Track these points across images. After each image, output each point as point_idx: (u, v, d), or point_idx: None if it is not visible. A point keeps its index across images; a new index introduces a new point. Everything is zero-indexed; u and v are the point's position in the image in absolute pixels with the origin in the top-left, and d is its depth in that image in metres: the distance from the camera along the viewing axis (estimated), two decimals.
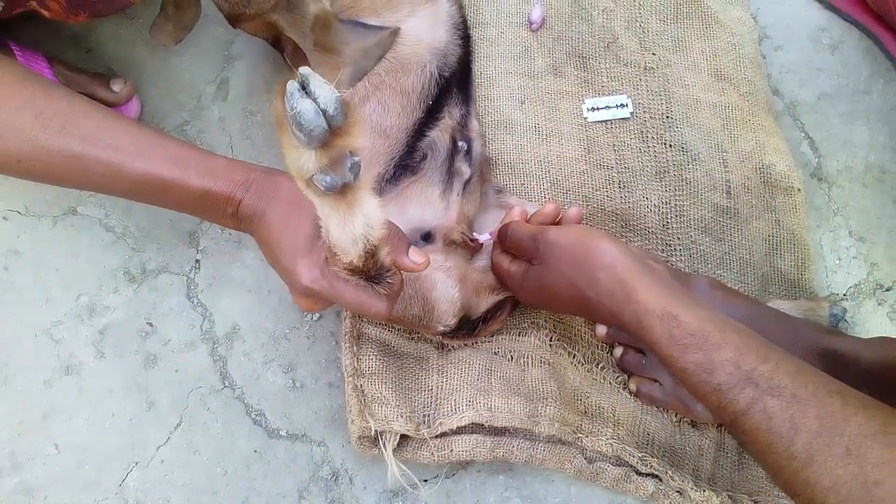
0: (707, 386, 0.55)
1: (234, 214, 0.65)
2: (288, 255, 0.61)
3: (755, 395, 0.53)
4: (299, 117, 0.46)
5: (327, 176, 0.50)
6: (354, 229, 0.54)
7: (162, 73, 0.91)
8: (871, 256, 0.90)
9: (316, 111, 0.46)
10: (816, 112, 0.95)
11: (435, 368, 0.79)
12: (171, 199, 0.66)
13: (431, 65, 0.79)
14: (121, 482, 0.79)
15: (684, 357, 0.57)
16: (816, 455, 0.50)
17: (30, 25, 0.90)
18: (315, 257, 0.59)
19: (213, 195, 0.64)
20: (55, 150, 0.63)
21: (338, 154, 0.49)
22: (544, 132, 0.89)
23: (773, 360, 0.54)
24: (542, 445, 0.78)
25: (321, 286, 0.59)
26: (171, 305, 0.84)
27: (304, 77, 0.47)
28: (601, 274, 0.63)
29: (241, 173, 0.65)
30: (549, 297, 0.70)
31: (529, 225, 0.73)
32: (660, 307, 0.59)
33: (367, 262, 0.57)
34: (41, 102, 0.63)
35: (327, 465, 0.81)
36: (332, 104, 0.47)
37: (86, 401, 0.81)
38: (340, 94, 0.47)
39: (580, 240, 0.66)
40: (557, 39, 0.93)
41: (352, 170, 0.50)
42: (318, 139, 0.47)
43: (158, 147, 0.65)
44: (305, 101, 0.46)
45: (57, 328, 0.83)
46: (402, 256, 0.62)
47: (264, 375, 0.83)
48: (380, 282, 0.60)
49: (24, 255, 0.85)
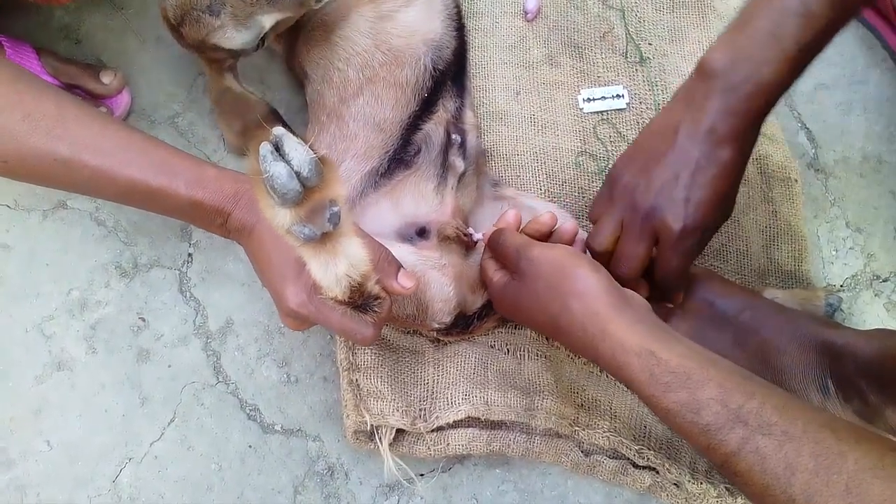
0: (694, 427, 0.53)
1: (223, 225, 0.65)
2: (276, 277, 0.61)
3: (745, 434, 0.51)
4: (272, 181, 0.45)
5: (305, 228, 0.49)
6: (337, 270, 0.54)
7: (153, 65, 0.90)
8: (868, 247, 0.90)
9: (290, 174, 0.46)
10: (813, 102, 0.95)
11: (431, 362, 0.79)
12: (158, 206, 0.66)
13: (426, 57, 0.78)
14: (114, 478, 0.78)
15: (667, 397, 0.54)
16: (816, 496, 0.48)
17: (18, 16, 0.89)
18: (302, 283, 0.58)
19: (202, 206, 0.63)
20: (43, 153, 0.62)
21: (316, 206, 0.49)
22: (540, 123, 0.89)
23: (759, 396, 0.52)
24: (539, 439, 0.77)
25: (308, 311, 0.59)
26: (163, 300, 0.83)
27: (278, 138, 0.46)
28: (574, 302, 0.60)
29: (232, 185, 0.64)
30: (524, 317, 0.67)
31: (519, 235, 0.70)
32: (636, 343, 0.56)
33: (352, 296, 0.57)
34: (30, 104, 0.62)
35: (323, 459, 0.80)
36: (306, 166, 0.46)
37: (78, 396, 0.80)
38: (315, 156, 0.46)
39: (560, 262, 0.63)
40: (553, 29, 0.92)
41: (331, 220, 0.50)
42: (292, 201, 0.47)
43: (148, 154, 0.64)
44: (279, 164, 0.45)
45: (48, 323, 0.82)
46: (391, 281, 0.61)
47: (258, 370, 0.82)
48: (367, 311, 0.59)
49: (13, 250, 0.84)
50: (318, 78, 0.80)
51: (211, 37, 0.71)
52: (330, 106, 0.78)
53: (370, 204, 0.76)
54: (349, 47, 0.77)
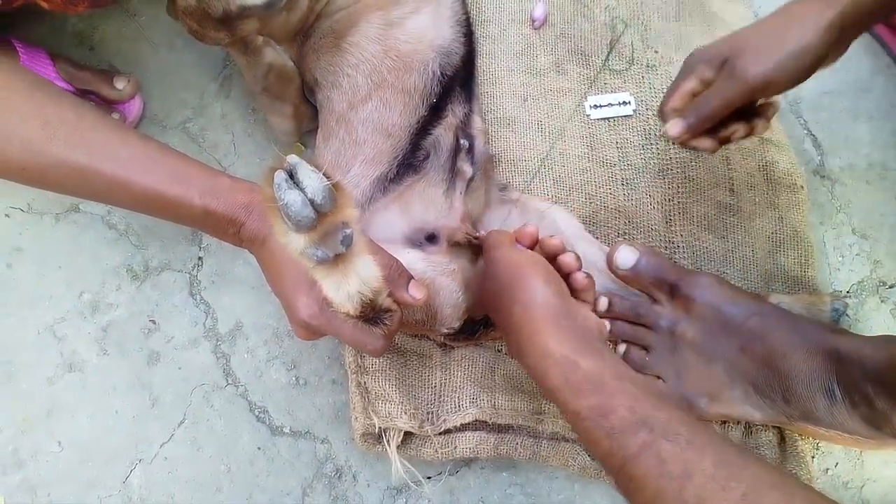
0: (600, 430, 0.53)
1: (236, 235, 0.65)
2: (288, 288, 0.61)
3: (649, 438, 0.51)
4: (287, 209, 0.46)
5: (318, 250, 0.50)
6: (349, 289, 0.54)
7: (165, 71, 0.91)
8: (874, 254, 0.90)
9: (304, 202, 0.46)
10: (819, 109, 0.95)
11: (438, 365, 0.79)
12: (172, 215, 0.66)
13: (434, 63, 0.79)
14: (124, 479, 0.79)
15: (577, 401, 0.55)
16: (710, 499, 0.47)
17: (33, 23, 0.90)
18: (314, 295, 0.59)
19: (215, 215, 0.64)
20: (60, 161, 0.63)
21: (329, 228, 0.49)
22: (547, 129, 0.89)
23: (667, 410, 0.53)
24: (546, 442, 0.78)
25: (319, 322, 0.60)
26: (174, 303, 0.84)
27: (292, 166, 0.47)
28: (516, 308, 0.62)
29: (245, 195, 0.64)
30: (488, 308, 0.70)
31: (499, 234, 0.71)
32: (560, 353, 0.57)
33: (364, 310, 0.57)
34: (49, 111, 0.63)
35: (331, 462, 0.81)
36: (320, 193, 0.46)
37: (89, 398, 0.81)
38: (329, 183, 0.47)
39: (517, 268, 0.64)
40: (560, 37, 0.93)
41: (344, 242, 0.50)
42: (306, 227, 0.48)
43: (163, 163, 0.65)
44: (293, 192, 0.46)
45: (60, 325, 0.83)
46: (402, 292, 0.62)
47: (267, 372, 0.83)
48: (377, 323, 0.60)
49: (26, 253, 0.85)
50: (327, 84, 0.80)
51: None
52: (339, 111, 0.79)
53: (379, 209, 0.77)
54: (358, 53, 0.78)
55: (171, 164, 0.65)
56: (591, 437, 0.54)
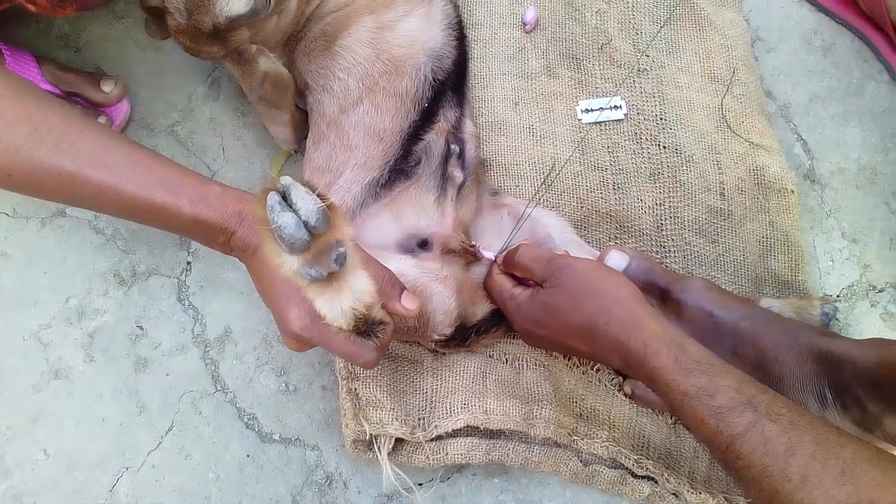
0: (707, 409, 0.57)
1: (226, 243, 0.64)
2: (279, 299, 0.61)
3: (754, 418, 0.55)
4: (280, 231, 0.46)
5: (312, 269, 0.49)
6: (343, 305, 0.54)
7: (152, 74, 0.90)
8: (864, 258, 0.91)
9: (297, 224, 0.46)
10: (809, 114, 0.96)
11: (429, 371, 0.79)
12: (161, 223, 0.66)
13: (426, 67, 0.78)
14: (111, 488, 0.78)
15: (687, 381, 0.59)
16: (812, 476, 0.51)
17: (18, 25, 0.89)
18: (306, 307, 0.58)
19: (206, 224, 0.63)
20: (47, 167, 0.62)
21: (323, 248, 0.49)
22: (539, 133, 0.89)
23: (771, 393, 0.57)
24: (538, 448, 0.77)
25: (311, 334, 0.59)
26: (161, 308, 0.83)
27: (286, 188, 0.46)
28: (613, 304, 0.66)
29: (235, 204, 0.64)
30: (553, 323, 0.70)
31: (541, 249, 0.75)
32: (668, 336, 0.62)
33: (357, 324, 0.57)
34: (36, 117, 0.62)
35: (321, 469, 0.80)
36: (313, 215, 0.46)
37: (75, 405, 0.80)
38: (322, 204, 0.47)
39: (597, 270, 0.70)
40: (551, 41, 0.93)
41: (337, 261, 0.50)
42: (300, 249, 0.47)
43: (152, 170, 0.64)
44: (286, 214, 0.46)
45: (45, 331, 0.82)
46: (394, 303, 0.62)
47: (257, 379, 0.82)
48: (370, 336, 0.60)
49: (11, 258, 0.83)
50: (318, 87, 0.80)
51: (221, 9, 0.70)
52: (330, 115, 0.79)
53: (371, 215, 0.76)
54: (350, 56, 0.77)
55: (161, 172, 0.64)
56: (697, 416, 0.58)
